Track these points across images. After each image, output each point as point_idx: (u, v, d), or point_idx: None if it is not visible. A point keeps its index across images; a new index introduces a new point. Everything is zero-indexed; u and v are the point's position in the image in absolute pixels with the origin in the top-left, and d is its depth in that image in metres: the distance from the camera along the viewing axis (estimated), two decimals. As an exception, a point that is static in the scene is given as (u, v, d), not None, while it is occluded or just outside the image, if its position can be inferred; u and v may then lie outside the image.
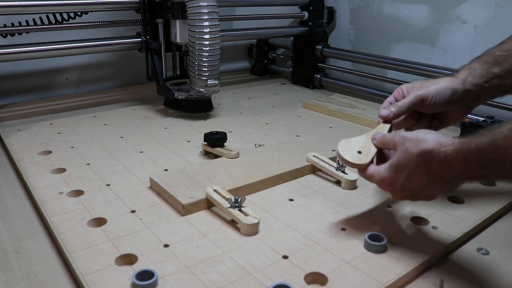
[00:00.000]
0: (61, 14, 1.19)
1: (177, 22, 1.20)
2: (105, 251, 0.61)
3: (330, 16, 1.62)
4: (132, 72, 1.57)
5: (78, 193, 0.78)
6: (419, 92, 0.66)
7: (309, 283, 0.55)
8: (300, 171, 0.85)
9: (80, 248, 0.61)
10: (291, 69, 1.68)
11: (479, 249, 0.63)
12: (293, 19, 1.73)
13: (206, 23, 1.11)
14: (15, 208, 0.75)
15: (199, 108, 1.21)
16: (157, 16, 1.23)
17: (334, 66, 1.60)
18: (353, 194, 0.78)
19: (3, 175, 0.87)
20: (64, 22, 1.20)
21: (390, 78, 1.40)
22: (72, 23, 1.21)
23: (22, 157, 0.92)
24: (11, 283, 0.56)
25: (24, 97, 1.39)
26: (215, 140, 0.92)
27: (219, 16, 1.14)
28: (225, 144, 0.93)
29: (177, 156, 0.95)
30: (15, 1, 1.08)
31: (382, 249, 0.61)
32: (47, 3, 1.13)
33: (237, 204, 0.67)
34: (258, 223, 0.65)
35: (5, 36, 1.16)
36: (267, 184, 0.81)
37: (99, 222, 0.68)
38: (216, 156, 0.92)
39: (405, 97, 0.67)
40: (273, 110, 1.30)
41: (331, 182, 0.83)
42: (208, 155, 0.94)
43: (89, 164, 0.90)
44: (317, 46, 1.57)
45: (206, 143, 0.93)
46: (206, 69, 1.15)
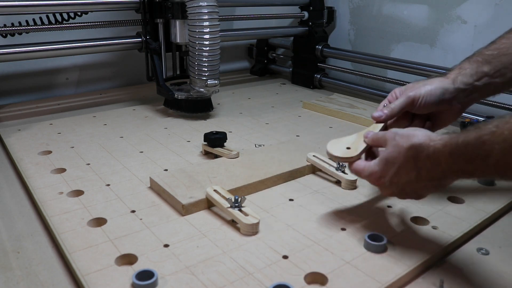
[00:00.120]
0: (61, 14, 1.19)
1: (177, 22, 1.20)
2: (105, 251, 0.61)
3: (330, 16, 1.62)
4: (132, 72, 1.57)
5: (78, 193, 0.78)
6: (410, 93, 0.67)
7: (309, 283, 0.55)
8: (300, 171, 0.85)
9: (80, 248, 0.61)
10: (291, 69, 1.68)
11: (479, 249, 0.63)
12: (293, 19, 1.72)
13: (206, 23, 1.11)
14: (15, 208, 0.75)
15: (199, 108, 1.21)
16: (157, 16, 1.23)
17: (334, 66, 1.59)
18: (353, 194, 0.78)
19: (3, 175, 0.87)
20: (64, 22, 1.20)
21: (390, 78, 1.40)
22: (72, 23, 1.21)
23: (22, 157, 0.92)
24: (11, 283, 0.56)
25: (24, 97, 1.39)
26: (215, 140, 0.92)
27: (219, 16, 1.14)
28: (225, 144, 0.93)
29: (177, 156, 0.95)
30: (15, 1, 1.08)
31: (382, 249, 0.61)
32: (47, 3, 1.13)
33: (237, 204, 0.67)
34: (258, 223, 0.65)
35: (5, 36, 1.16)
36: (267, 184, 0.81)
37: (99, 222, 0.68)
38: (216, 156, 0.92)
39: (397, 99, 0.68)
40: (273, 110, 1.30)
41: (331, 182, 0.83)
42: (208, 155, 0.94)
43: (89, 164, 0.90)
44: (317, 46, 1.57)
45: (206, 143, 0.93)
46: (206, 69, 1.15)
